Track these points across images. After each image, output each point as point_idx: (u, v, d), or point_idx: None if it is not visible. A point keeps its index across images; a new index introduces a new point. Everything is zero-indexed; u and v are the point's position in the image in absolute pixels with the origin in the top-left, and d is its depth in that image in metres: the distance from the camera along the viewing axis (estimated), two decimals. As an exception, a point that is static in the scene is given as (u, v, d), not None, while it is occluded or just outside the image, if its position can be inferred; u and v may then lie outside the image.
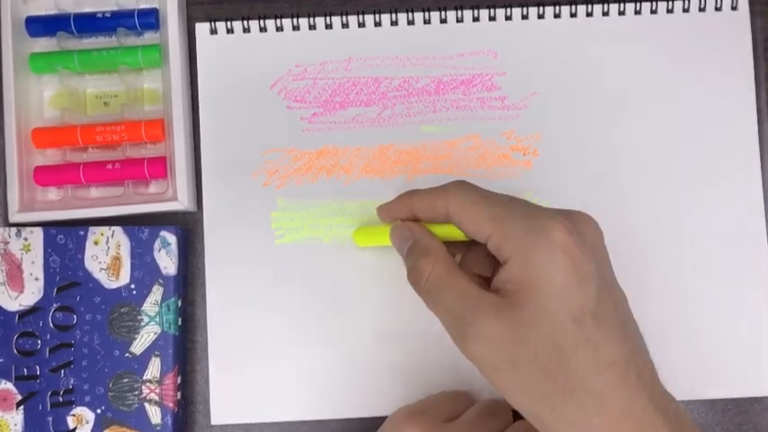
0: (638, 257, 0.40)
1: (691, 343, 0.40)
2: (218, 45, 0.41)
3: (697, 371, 0.40)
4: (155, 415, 0.38)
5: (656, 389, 0.29)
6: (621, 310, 0.30)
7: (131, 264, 0.39)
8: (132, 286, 0.39)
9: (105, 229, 0.39)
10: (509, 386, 0.29)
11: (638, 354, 0.29)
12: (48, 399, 0.38)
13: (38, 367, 0.38)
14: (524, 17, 0.41)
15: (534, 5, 0.41)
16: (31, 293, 0.39)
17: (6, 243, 0.39)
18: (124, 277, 0.39)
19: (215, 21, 0.41)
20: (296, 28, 0.42)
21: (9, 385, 0.38)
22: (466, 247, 0.36)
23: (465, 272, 0.32)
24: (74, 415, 0.38)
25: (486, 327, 0.29)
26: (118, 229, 0.39)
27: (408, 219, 0.36)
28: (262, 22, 0.41)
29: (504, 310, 0.29)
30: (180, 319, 0.39)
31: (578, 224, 0.31)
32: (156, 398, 0.38)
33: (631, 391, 0.28)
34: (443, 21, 0.41)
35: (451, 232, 0.35)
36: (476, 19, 0.41)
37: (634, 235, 0.41)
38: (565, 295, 0.28)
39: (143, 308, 0.39)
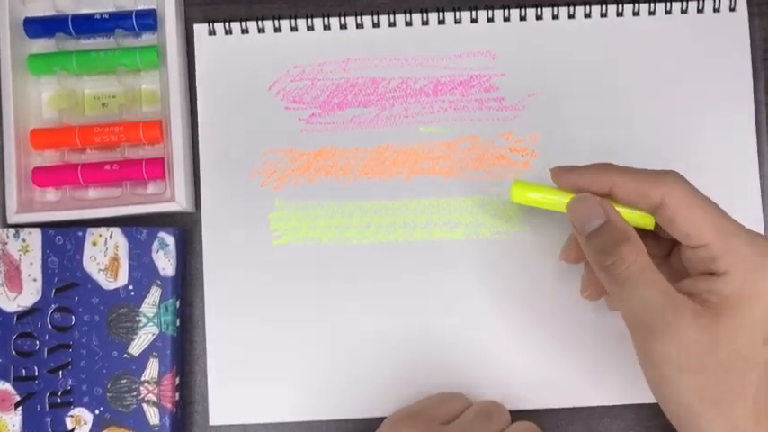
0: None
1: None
2: (217, 46, 0.42)
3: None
4: (153, 416, 0.38)
5: None
6: None
7: (129, 265, 0.39)
8: (130, 287, 0.39)
9: (103, 230, 0.39)
10: (685, 387, 0.31)
11: None
12: (46, 399, 0.38)
13: (36, 368, 0.39)
14: (522, 18, 0.41)
15: (532, 7, 0.41)
16: (30, 294, 0.39)
17: (5, 244, 0.39)
18: (122, 278, 0.39)
19: (213, 22, 0.41)
20: (294, 29, 0.42)
21: (7, 386, 0.38)
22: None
23: None
24: (72, 416, 0.38)
25: (683, 329, 0.30)
26: (116, 230, 0.39)
27: (597, 193, 0.34)
28: (260, 23, 0.41)
29: (703, 317, 0.30)
30: (178, 320, 0.39)
31: None
32: (155, 398, 0.38)
33: None
34: (441, 22, 0.41)
35: (639, 220, 0.34)
36: (474, 20, 0.41)
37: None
38: (766, 318, 0.30)
39: (141, 309, 0.39)
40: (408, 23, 0.41)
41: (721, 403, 0.30)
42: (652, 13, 0.41)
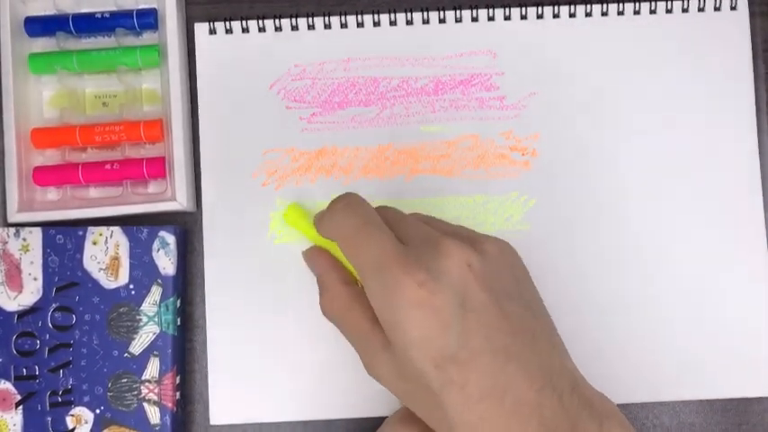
0: (636, 257, 0.40)
1: (691, 343, 0.40)
2: (217, 45, 0.42)
3: (697, 371, 0.40)
4: (154, 415, 0.38)
5: (561, 399, 0.28)
6: (506, 334, 0.29)
7: (130, 264, 0.39)
8: (131, 286, 0.39)
9: (104, 230, 0.39)
10: (409, 408, 0.32)
11: (523, 375, 0.28)
12: (47, 399, 0.38)
13: (37, 367, 0.39)
14: (523, 17, 0.41)
15: (533, 5, 0.41)
16: (30, 293, 0.39)
17: (5, 243, 0.39)
18: (123, 277, 0.39)
19: (214, 21, 0.41)
20: (295, 28, 0.42)
21: (8, 385, 0.38)
22: None
23: (363, 297, 0.33)
24: (73, 415, 0.38)
25: (378, 363, 0.31)
26: (117, 230, 0.39)
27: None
28: (261, 22, 0.41)
29: (386, 350, 0.31)
30: (179, 319, 0.39)
31: (438, 262, 0.30)
32: (155, 398, 0.38)
33: (509, 417, 0.28)
34: (442, 21, 0.41)
35: None
36: (474, 19, 0.41)
37: (633, 235, 0.41)
38: (423, 345, 0.29)
39: (142, 308, 0.39)
40: (409, 22, 0.41)
41: (436, 427, 0.30)
42: (653, 11, 0.41)
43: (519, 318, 0.30)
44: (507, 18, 0.41)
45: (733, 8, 0.41)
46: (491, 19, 0.41)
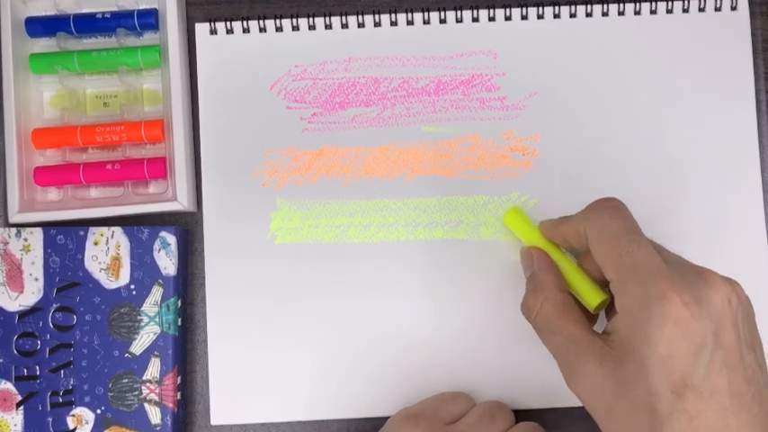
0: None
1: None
2: (218, 45, 0.42)
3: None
4: (154, 415, 0.38)
5: None
6: (741, 380, 0.29)
7: (131, 264, 0.39)
8: (132, 287, 0.39)
9: (105, 230, 0.39)
10: (605, 429, 0.30)
11: (750, 426, 0.28)
12: (47, 399, 0.38)
13: (38, 367, 0.39)
14: (524, 17, 0.41)
15: (534, 6, 0.41)
16: (31, 294, 0.39)
17: (6, 243, 0.39)
18: (124, 277, 0.39)
19: (214, 21, 0.41)
20: (295, 28, 0.42)
21: (9, 385, 0.38)
22: None
23: (575, 305, 0.33)
24: (73, 415, 0.38)
25: (589, 374, 0.30)
26: (117, 230, 0.39)
27: (561, 243, 0.36)
28: (261, 22, 0.41)
29: (607, 361, 0.30)
30: (179, 320, 0.39)
31: (704, 289, 0.29)
32: (156, 398, 0.38)
33: None
34: (443, 21, 0.41)
35: (586, 292, 0.35)
36: (475, 19, 0.41)
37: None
38: (667, 365, 0.28)
39: (143, 308, 0.39)
40: (410, 23, 0.41)
41: None
42: (653, 12, 0.41)
43: (752, 369, 0.29)
44: (508, 18, 0.41)
45: (733, 8, 0.42)
46: (492, 19, 0.41)
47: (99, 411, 0.38)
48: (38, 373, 0.38)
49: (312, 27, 0.42)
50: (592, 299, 0.34)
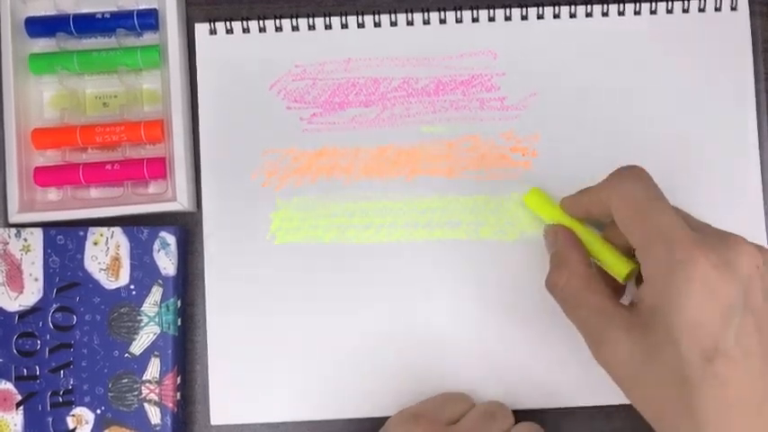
0: (637, 258, 0.40)
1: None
2: (218, 45, 0.41)
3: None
4: (154, 415, 0.38)
5: None
6: None
7: (131, 264, 0.39)
8: (132, 287, 0.39)
9: (105, 230, 0.39)
10: (634, 399, 0.30)
11: None
12: (47, 399, 0.38)
13: (38, 368, 0.39)
14: (524, 18, 0.41)
15: (533, 6, 0.41)
16: (31, 294, 0.39)
17: (6, 244, 0.39)
18: (124, 278, 0.39)
19: (214, 21, 0.41)
20: (295, 28, 0.42)
21: (9, 385, 0.38)
22: None
23: (599, 279, 0.33)
24: (73, 415, 0.38)
25: (616, 343, 0.30)
26: (117, 230, 0.39)
27: (599, 216, 0.35)
28: (261, 22, 0.41)
29: (635, 329, 0.30)
30: (179, 320, 0.39)
31: (731, 252, 0.29)
32: (156, 398, 0.38)
33: (762, 428, 0.27)
34: (443, 21, 0.41)
35: (613, 263, 0.35)
36: (475, 19, 0.41)
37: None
38: (696, 330, 0.28)
39: (142, 308, 0.39)
40: (410, 23, 0.41)
41: (664, 420, 0.29)
42: (653, 12, 0.41)
43: None
44: (508, 18, 0.41)
45: (733, 8, 0.41)
46: (492, 19, 0.41)
47: (99, 411, 0.38)
48: (38, 373, 0.39)
49: (312, 27, 0.42)
50: (620, 269, 0.34)
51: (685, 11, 0.41)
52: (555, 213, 0.38)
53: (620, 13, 0.41)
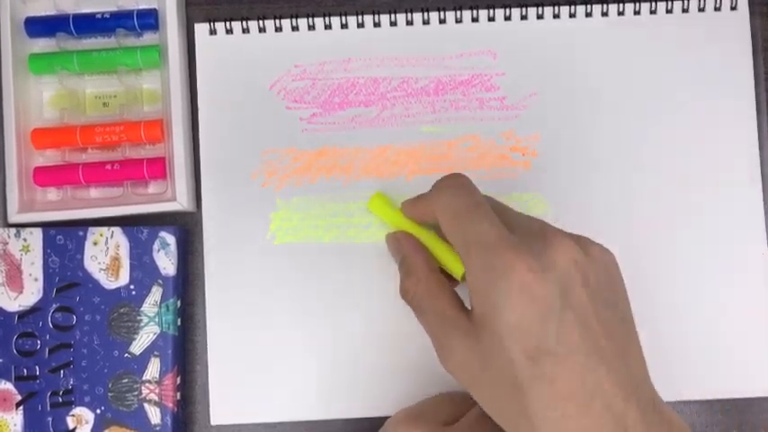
0: (637, 258, 0.40)
1: (691, 343, 0.40)
2: (218, 46, 0.42)
3: (697, 371, 0.40)
4: (154, 415, 0.38)
5: (644, 413, 0.28)
6: (598, 337, 0.28)
7: (130, 264, 0.39)
8: (131, 287, 0.39)
9: (104, 230, 0.39)
10: (480, 402, 0.31)
11: (613, 381, 0.28)
12: (47, 399, 0.38)
13: (37, 368, 0.39)
14: (523, 17, 0.41)
15: (533, 6, 0.41)
16: (31, 294, 0.39)
17: (6, 244, 0.39)
18: (123, 278, 0.39)
19: (214, 21, 0.41)
20: (295, 28, 0.42)
21: (9, 385, 0.38)
22: None
23: (446, 284, 0.34)
24: (73, 415, 0.38)
25: (456, 349, 0.31)
26: (117, 230, 0.39)
27: (421, 221, 0.37)
28: (261, 22, 0.41)
29: (470, 337, 0.30)
30: (179, 320, 0.39)
31: (548, 251, 0.29)
32: (156, 398, 0.38)
33: (594, 421, 0.27)
34: (442, 21, 0.41)
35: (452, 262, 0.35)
36: (475, 19, 0.41)
37: (633, 235, 0.41)
38: (519, 333, 0.28)
39: (142, 308, 0.39)
40: (409, 23, 0.41)
41: (511, 420, 0.29)
42: (653, 12, 0.41)
43: (612, 325, 0.29)
44: (508, 18, 0.41)
45: (733, 8, 0.41)
46: (491, 19, 0.41)
47: (99, 411, 0.38)
48: (38, 373, 0.39)
49: (311, 27, 0.42)
50: (458, 269, 0.35)
51: (685, 10, 0.41)
52: (398, 218, 0.38)
53: (620, 13, 0.41)
